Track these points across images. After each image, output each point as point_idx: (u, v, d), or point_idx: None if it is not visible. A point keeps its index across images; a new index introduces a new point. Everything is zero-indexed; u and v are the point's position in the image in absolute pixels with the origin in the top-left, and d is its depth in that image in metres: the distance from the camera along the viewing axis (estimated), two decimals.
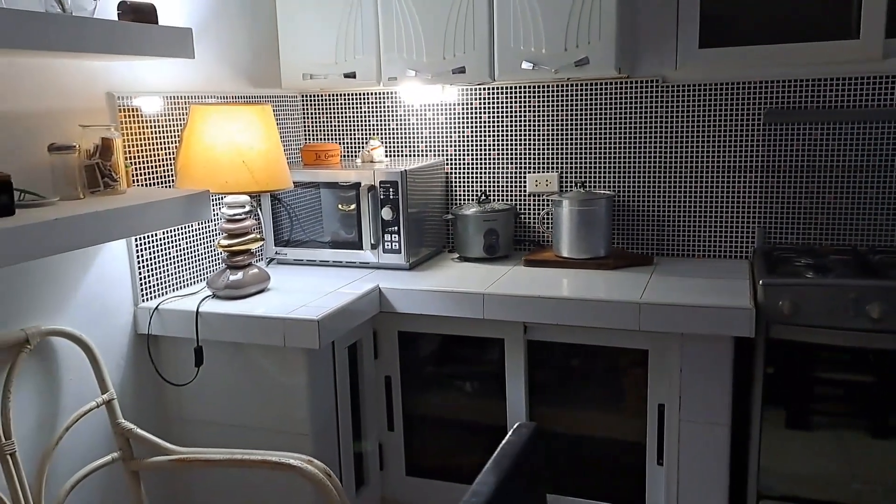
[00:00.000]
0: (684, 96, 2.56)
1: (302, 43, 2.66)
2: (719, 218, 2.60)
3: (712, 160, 2.57)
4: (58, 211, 1.67)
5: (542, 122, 2.74)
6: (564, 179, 2.75)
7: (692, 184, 2.61)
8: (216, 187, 2.12)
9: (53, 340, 1.94)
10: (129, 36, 1.76)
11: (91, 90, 2.02)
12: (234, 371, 2.21)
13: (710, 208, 2.60)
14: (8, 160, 1.77)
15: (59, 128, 1.91)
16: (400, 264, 2.57)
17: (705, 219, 2.62)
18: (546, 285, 2.31)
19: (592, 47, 2.32)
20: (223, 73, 2.56)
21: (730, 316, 2.04)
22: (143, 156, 2.22)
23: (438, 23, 2.47)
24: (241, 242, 2.28)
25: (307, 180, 2.62)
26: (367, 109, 2.96)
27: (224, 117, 2.15)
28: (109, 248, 2.12)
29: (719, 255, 2.62)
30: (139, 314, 2.22)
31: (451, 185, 2.90)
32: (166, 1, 2.28)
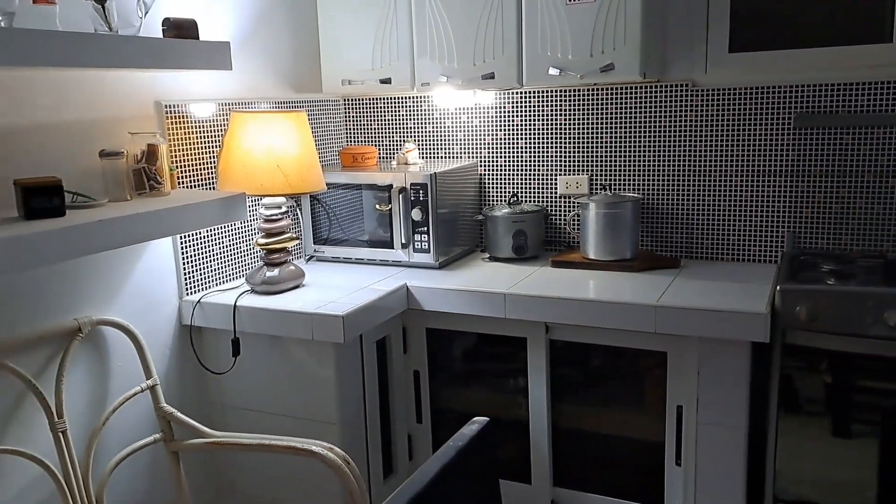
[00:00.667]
0: (714, 100, 2.58)
1: (341, 50, 2.78)
2: (749, 221, 2.61)
3: (742, 164, 2.58)
4: (106, 212, 1.83)
5: (572, 125, 2.80)
6: (594, 182, 2.80)
7: (721, 187, 2.63)
8: (252, 190, 2.26)
9: (103, 329, 2.12)
10: (172, 51, 1.91)
11: (139, 99, 2.19)
12: (269, 361, 2.35)
13: (739, 212, 2.62)
14: (63, 165, 1.95)
15: (110, 134, 2.08)
16: (429, 263, 2.67)
17: (734, 222, 2.63)
18: (569, 286, 2.38)
19: (618, 53, 2.37)
20: (267, 79, 2.71)
21: (745, 321, 2.07)
22: (189, 159, 2.37)
23: (469, 30, 2.56)
24: (277, 241, 2.42)
25: (344, 182, 2.75)
26: (404, 113, 3.07)
27: (261, 124, 2.29)
28: (156, 245, 2.28)
29: (748, 259, 2.64)
30: (183, 306, 2.38)
31: (484, 187, 2.99)
32: (213, 13, 2.43)
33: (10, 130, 1.83)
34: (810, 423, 2.14)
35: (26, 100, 1.87)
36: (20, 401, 1.89)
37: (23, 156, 1.86)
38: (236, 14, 2.55)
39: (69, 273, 2.01)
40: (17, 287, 1.88)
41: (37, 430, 1.92)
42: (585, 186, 2.82)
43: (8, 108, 1.82)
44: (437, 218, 2.64)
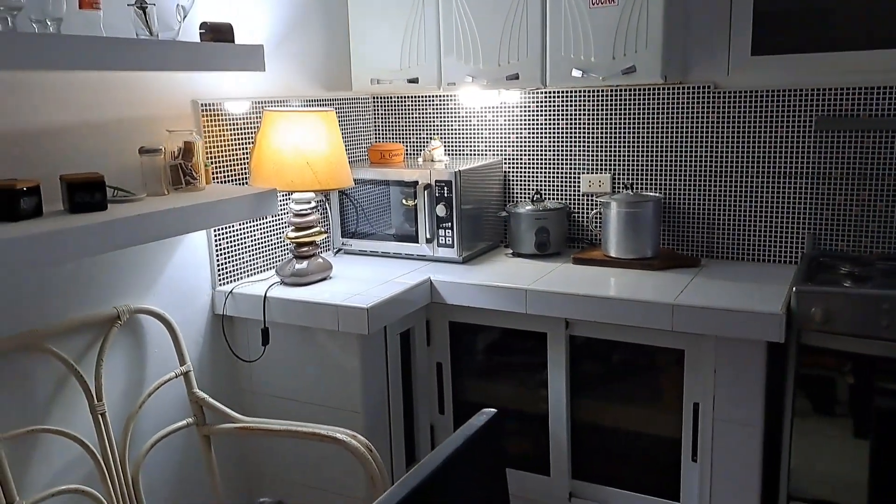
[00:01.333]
0: (736, 102, 2.61)
1: (371, 51, 2.86)
2: (769, 222, 2.64)
3: (763, 165, 2.61)
4: (144, 206, 1.93)
5: (596, 124, 2.84)
6: (617, 180, 2.85)
7: (743, 188, 2.66)
8: (282, 186, 2.35)
9: (141, 318, 2.22)
10: (208, 54, 2.01)
11: (177, 98, 2.29)
12: (297, 351, 2.44)
13: (760, 213, 2.65)
14: (104, 161, 2.05)
15: (149, 132, 2.18)
16: (453, 258, 2.74)
17: (755, 223, 2.66)
18: (590, 283, 2.43)
19: (640, 56, 2.42)
20: (299, 78, 2.80)
21: (761, 321, 2.10)
22: (223, 155, 2.47)
23: (494, 32, 2.62)
24: (306, 235, 2.51)
25: (372, 178, 2.83)
26: (430, 111, 3.14)
27: (291, 122, 2.38)
28: (191, 237, 2.38)
29: (768, 260, 2.66)
30: (216, 296, 2.48)
31: (509, 184, 3.05)
32: (249, 16, 2.52)
33: (56, 128, 1.94)
34: (825, 423, 2.17)
35: (71, 99, 1.97)
36: (63, 384, 2.00)
37: (68, 152, 1.97)
38: (271, 17, 2.64)
39: (110, 264, 2.12)
40: (62, 277, 1.99)
41: (78, 411, 2.03)
42: (608, 185, 2.86)
43: (54, 107, 1.93)
44: (462, 214, 2.71)
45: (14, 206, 1.69)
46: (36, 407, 1.95)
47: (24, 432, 1.87)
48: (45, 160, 1.91)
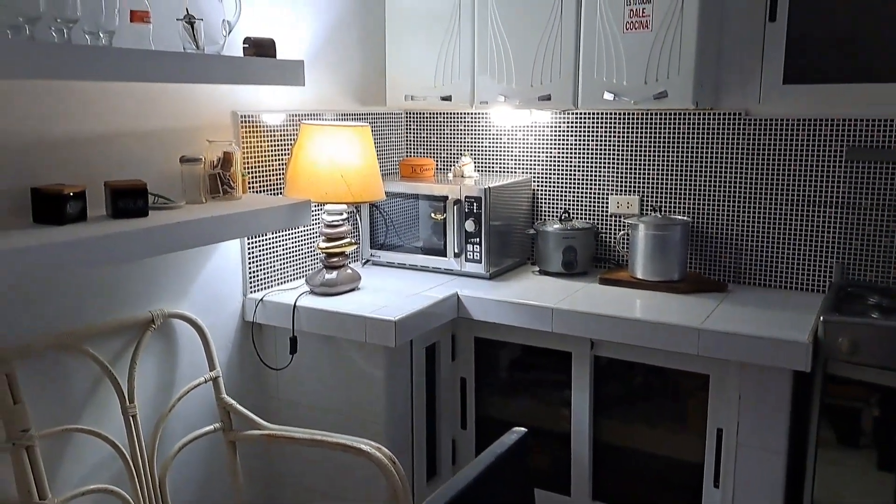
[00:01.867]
0: (767, 130, 2.62)
1: (406, 67, 2.91)
2: (798, 250, 2.63)
3: (793, 193, 2.61)
4: (184, 214, 1.98)
5: (626, 146, 2.86)
6: (645, 202, 2.86)
7: (772, 215, 2.66)
8: (317, 197, 2.40)
9: (174, 322, 2.27)
10: (251, 68, 2.06)
11: (218, 109, 2.34)
12: (324, 360, 2.48)
13: (788, 240, 2.64)
14: (146, 169, 2.11)
15: (190, 141, 2.24)
16: (480, 273, 2.77)
17: (783, 250, 2.66)
18: (616, 304, 2.44)
19: (671, 82, 2.44)
20: (336, 92, 2.85)
21: (786, 349, 2.10)
22: (260, 165, 2.52)
23: (528, 53, 2.66)
24: (337, 246, 2.55)
25: (402, 191, 2.87)
26: (462, 128, 3.17)
27: (327, 135, 2.42)
28: (225, 245, 2.43)
29: (796, 287, 2.66)
30: (247, 304, 2.53)
31: (538, 202, 3.07)
32: (290, 31, 2.58)
33: (102, 136, 2.00)
34: (849, 454, 2.16)
35: (119, 108, 2.03)
36: (97, 384, 2.05)
37: (113, 159, 2.03)
38: (310, 32, 2.70)
39: (147, 268, 2.17)
40: (101, 279, 2.04)
41: (110, 412, 2.08)
42: (636, 207, 2.88)
43: (102, 115, 1.99)
44: (490, 230, 2.74)
45: (60, 210, 1.75)
46: (71, 406, 2.00)
47: (58, 431, 1.92)
48: (92, 166, 1.97)
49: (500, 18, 2.69)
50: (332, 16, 2.80)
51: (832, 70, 2.54)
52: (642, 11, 2.46)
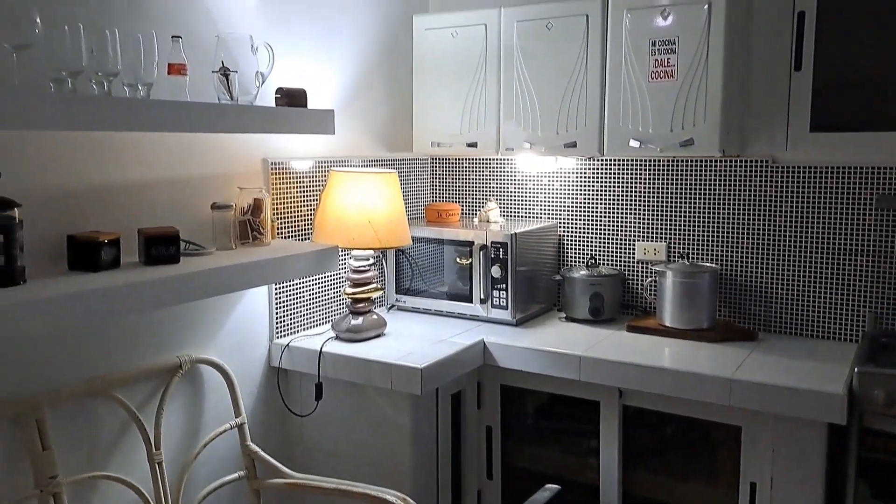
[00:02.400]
0: (795, 177, 2.60)
1: (432, 114, 2.95)
2: (829, 299, 2.60)
3: (823, 241, 2.59)
4: (214, 260, 2.00)
5: (652, 192, 2.86)
6: (672, 249, 2.84)
7: (802, 262, 2.63)
8: (344, 243, 2.41)
9: (200, 367, 2.28)
10: (283, 118, 2.11)
11: (249, 157, 2.38)
12: (349, 407, 2.46)
13: (819, 288, 2.61)
14: (178, 215, 2.14)
15: (221, 188, 2.27)
16: (506, 319, 2.75)
17: (814, 299, 2.62)
18: (644, 353, 2.41)
19: (697, 129, 2.44)
20: (363, 138, 2.89)
21: (821, 401, 2.06)
22: (289, 211, 2.55)
23: (553, 101, 2.68)
24: (363, 291, 2.55)
25: (428, 236, 2.88)
26: (487, 173, 3.19)
27: (356, 182, 2.45)
28: (252, 289, 2.45)
29: (828, 337, 2.61)
30: (273, 349, 2.53)
31: (564, 247, 3.06)
32: (319, 79, 2.64)
33: (136, 184, 2.03)
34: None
35: (151, 158, 2.08)
36: (124, 430, 2.06)
37: (145, 206, 2.06)
38: (340, 81, 2.76)
39: (175, 313, 2.18)
40: (130, 325, 2.06)
41: (136, 458, 2.07)
42: (663, 253, 2.86)
43: (136, 165, 2.03)
44: (516, 276, 2.73)
45: (95, 257, 1.77)
46: (98, 452, 2.00)
47: (85, 478, 1.92)
48: (126, 213, 2.00)
49: (526, 67, 2.72)
50: (361, 65, 2.86)
51: (859, 118, 2.53)
52: (667, 61, 2.48)
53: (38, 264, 1.75)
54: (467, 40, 2.83)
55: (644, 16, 2.50)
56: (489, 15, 2.78)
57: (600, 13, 2.57)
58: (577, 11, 2.61)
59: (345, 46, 2.77)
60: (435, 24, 2.90)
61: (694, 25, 2.42)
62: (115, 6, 1.93)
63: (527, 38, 2.71)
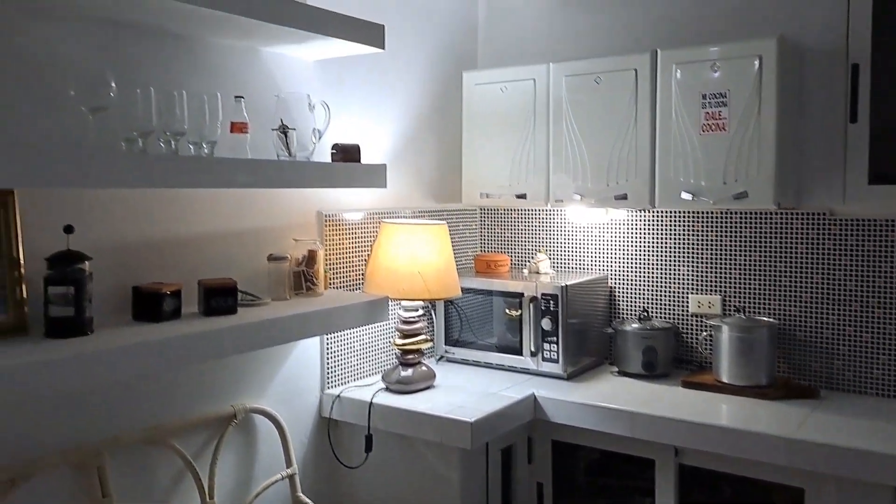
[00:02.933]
0: (854, 230, 2.55)
1: (481, 167, 2.98)
2: (893, 355, 2.51)
3: (886, 295, 2.51)
4: (270, 311, 2.05)
5: (705, 245, 2.82)
6: (728, 302, 2.79)
7: (864, 317, 2.55)
8: (395, 294, 2.43)
9: (254, 417, 2.30)
10: (338, 173, 2.17)
11: (304, 209, 2.44)
12: (398, 459, 2.45)
13: (884, 344, 2.52)
14: (236, 266, 2.20)
15: (277, 240, 2.33)
16: (557, 373, 2.72)
17: (879, 355, 2.53)
18: (700, 410, 2.35)
19: (751, 182, 2.41)
20: (413, 190, 2.94)
21: (889, 464, 1.97)
22: (340, 261, 2.59)
23: (603, 153, 2.69)
24: (412, 342, 2.56)
25: (477, 287, 2.89)
26: (537, 224, 3.20)
27: (406, 234, 2.48)
28: (305, 340, 2.48)
29: (894, 395, 2.52)
30: (324, 399, 2.55)
31: (615, 300, 3.03)
32: (371, 134, 2.71)
33: (196, 237, 2.11)
34: None
35: (212, 211, 2.15)
36: (179, 479, 2.08)
37: (205, 258, 2.13)
38: (391, 134, 2.83)
39: (230, 362, 2.22)
40: (188, 374, 2.10)
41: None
42: (718, 307, 2.81)
43: (196, 218, 2.11)
44: (567, 328, 2.71)
45: (158, 308, 1.83)
46: (154, 500, 2.03)
47: None
48: (186, 265, 2.07)
49: (575, 119, 2.74)
50: (413, 119, 2.92)
51: None
52: (718, 114, 2.48)
53: (104, 314, 1.81)
54: (516, 94, 2.88)
55: (694, 69, 2.51)
56: (538, 70, 2.83)
57: (649, 67, 2.59)
58: (626, 66, 2.64)
59: (397, 103, 2.85)
60: (484, 79, 2.96)
61: (745, 78, 2.42)
62: (183, 69, 2.03)
63: (576, 92, 2.74)
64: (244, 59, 2.20)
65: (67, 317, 1.62)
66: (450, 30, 3.11)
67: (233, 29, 1.96)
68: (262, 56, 2.26)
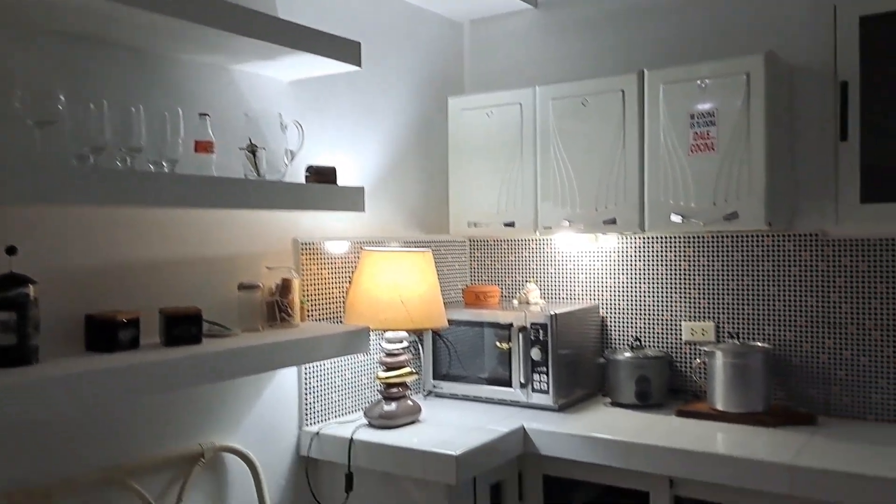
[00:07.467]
0: (847, 251, 2.47)
1: (468, 195, 2.90)
2: (892, 379, 2.40)
3: (881, 317, 2.42)
4: (238, 341, 1.94)
5: (697, 270, 2.74)
6: (721, 329, 2.70)
7: (860, 341, 2.45)
8: (375, 324, 2.34)
9: (224, 456, 2.18)
10: (312, 195, 2.08)
11: (279, 237, 2.35)
12: (381, 499, 2.32)
13: (882, 369, 2.42)
14: (203, 295, 2.09)
15: (248, 268, 2.23)
16: (548, 405, 2.61)
17: (877, 380, 2.43)
18: (696, 439, 2.25)
19: (742, 203, 2.35)
20: (398, 220, 2.86)
21: (892, 489, 1.87)
22: (319, 292, 2.50)
23: (591, 178, 2.62)
24: (397, 375, 2.45)
25: (465, 319, 2.79)
26: (526, 254, 3.12)
27: (388, 261, 2.40)
28: (281, 374, 2.37)
29: (894, 420, 2.40)
30: (302, 437, 2.43)
31: (606, 329, 2.93)
32: (352, 160, 2.63)
33: (159, 263, 2.00)
34: None
35: (175, 236, 2.05)
36: None
37: (168, 286, 2.02)
38: (373, 161, 2.75)
39: (197, 398, 2.11)
40: (150, 409, 1.99)
41: None
42: (712, 333, 2.71)
43: (159, 243, 2.01)
44: (557, 359, 2.61)
45: (113, 337, 1.73)
46: None
47: None
48: (148, 293, 1.96)
49: (563, 144, 2.68)
50: (395, 145, 2.86)
51: None
52: (707, 134, 2.42)
53: (53, 344, 1.70)
54: (503, 119, 2.82)
55: (681, 89, 2.45)
56: (524, 94, 2.77)
57: (636, 88, 2.54)
58: (613, 87, 2.58)
59: (379, 127, 2.78)
60: (470, 104, 2.90)
61: (733, 96, 2.36)
62: (144, 85, 1.94)
63: (563, 116, 2.68)
64: (213, 78, 2.13)
65: (9, 345, 1.52)
66: (435, 54, 3.06)
67: (195, 43, 1.88)
68: (233, 75, 2.19)
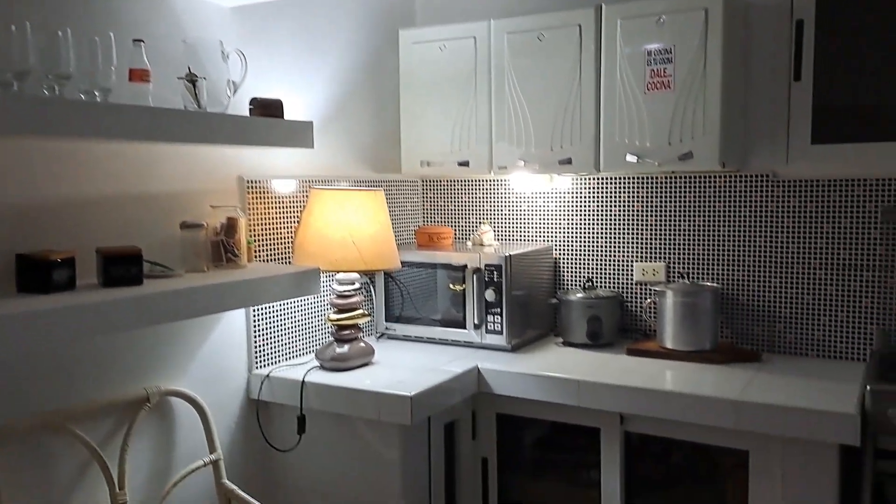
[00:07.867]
0: (797, 192, 2.49)
1: (421, 133, 2.83)
2: (835, 316, 2.47)
3: (827, 257, 2.46)
4: (182, 282, 1.86)
5: (650, 211, 2.74)
6: (672, 269, 2.72)
7: (805, 280, 2.50)
8: (326, 265, 2.28)
9: (171, 400, 2.12)
10: (257, 129, 1.98)
11: (223, 174, 2.25)
12: (335, 440, 2.31)
13: (824, 306, 2.48)
14: (144, 235, 1.99)
15: (191, 207, 2.14)
16: (502, 345, 2.61)
17: (819, 317, 2.49)
18: (645, 376, 2.28)
19: (696, 142, 2.34)
20: (348, 158, 2.77)
21: (833, 421, 1.93)
22: (267, 233, 2.42)
23: (547, 117, 2.57)
24: (348, 317, 2.41)
25: (419, 260, 2.75)
26: (480, 195, 3.08)
27: (338, 200, 2.33)
28: (229, 317, 2.30)
29: (834, 356, 2.48)
30: (252, 380, 2.38)
31: (560, 270, 2.93)
32: (299, 94, 2.52)
33: (96, 200, 1.90)
34: None
35: (113, 172, 1.94)
36: (84, 470, 1.89)
37: (107, 225, 1.92)
38: (321, 96, 2.64)
39: (141, 341, 2.04)
40: (91, 354, 1.91)
41: (97, 500, 1.91)
42: (662, 274, 2.73)
43: (96, 178, 1.90)
44: (511, 300, 2.60)
45: (47, 278, 1.63)
46: (54, 494, 1.84)
47: None
48: (85, 232, 1.86)
49: (518, 82, 2.62)
50: (345, 80, 2.75)
51: (861, 129, 2.41)
52: (664, 71, 2.38)
53: None
54: (456, 54, 2.73)
55: (639, 24, 2.40)
56: (478, 27, 2.69)
57: (594, 23, 2.48)
58: (570, 21, 2.52)
59: (327, 60, 2.66)
60: (422, 37, 2.80)
61: (690, 33, 2.33)
62: (68, 4, 1.79)
63: (518, 51, 2.61)
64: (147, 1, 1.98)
65: None
66: None
67: None
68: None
